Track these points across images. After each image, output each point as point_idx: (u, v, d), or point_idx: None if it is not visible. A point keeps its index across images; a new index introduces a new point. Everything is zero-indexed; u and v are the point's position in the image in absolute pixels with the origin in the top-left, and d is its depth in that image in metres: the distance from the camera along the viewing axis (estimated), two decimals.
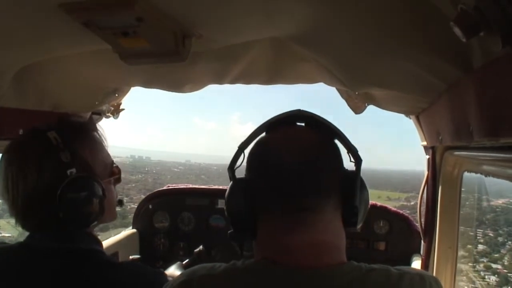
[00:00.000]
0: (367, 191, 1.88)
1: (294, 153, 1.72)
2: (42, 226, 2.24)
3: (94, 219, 2.31)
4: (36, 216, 2.21)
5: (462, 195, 3.59)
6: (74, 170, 2.23)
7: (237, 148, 1.88)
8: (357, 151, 1.85)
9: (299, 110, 1.86)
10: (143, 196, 5.99)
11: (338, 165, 1.83)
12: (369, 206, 1.92)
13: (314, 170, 1.71)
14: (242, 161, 1.88)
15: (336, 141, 1.87)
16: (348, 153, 1.86)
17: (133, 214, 5.81)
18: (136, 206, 5.89)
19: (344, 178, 1.79)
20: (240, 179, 1.87)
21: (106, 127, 3.84)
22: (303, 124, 1.89)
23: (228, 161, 1.88)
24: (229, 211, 1.87)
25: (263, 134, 1.90)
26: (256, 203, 1.77)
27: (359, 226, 1.85)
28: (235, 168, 1.88)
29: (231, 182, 1.88)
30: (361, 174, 1.83)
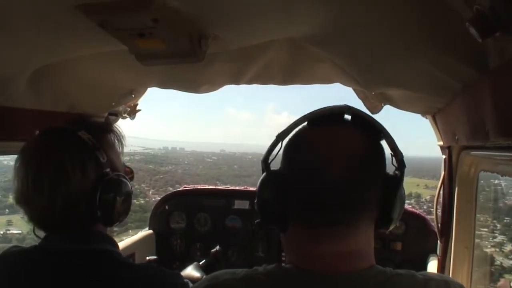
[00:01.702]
0: (404, 191, 1.79)
1: (340, 166, 1.62)
2: (73, 226, 2.25)
3: (124, 217, 2.40)
4: (74, 216, 2.21)
5: None
6: (108, 169, 2.28)
7: (275, 138, 1.81)
8: (403, 157, 1.78)
9: (346, 107, 1.73)
10: (170, 189, 5.98)
11: (382, 171, 1.75)
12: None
13: (359, 187, 1.64)
14: (277, 152, 1.80)
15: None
16: (391, 155, 1.78)
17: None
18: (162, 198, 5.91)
19: (385, 185, 1.70)
20: (276, 173, 1.78)
21: (140, 120, 3.87)
22: (348, 117, 1.74)
23: (263, 150, 1.82)
24: (260, 203, 1.81)
25: (305, 126, 1.79)
26: (289, 203, 1.70)
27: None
28: (269, 161, 1.81)
29: (265, 174, 1.80)
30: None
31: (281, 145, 1.80)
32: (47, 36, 2.20)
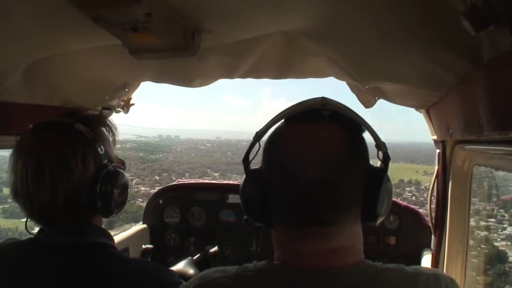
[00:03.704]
0: (391, 184, 1.78)
1: (315, 166, 1.59)
2: (72, 219, 2.26)
3: (121, 208, 2.44)
4: (74, 208, 2.22)
5: None
6: (106, 161, 2.31)
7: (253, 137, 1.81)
8: (386, 148, 1.76)
9: (322, 101, 1.69)
10: (157, 177, 5.97)
11: (364, 166, 1.71)
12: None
13: (338, 186, 1.62)
14: (258, 150, 1.80)
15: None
16: (376, 147, 1.77)
17: (142, 198, 5.78)
18: (146, 189, 5.88)
19: (369, 179, 1.69)
20: (255, 173, 1.78)
21: (137, 109, 3.86)
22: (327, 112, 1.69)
23: None
24: (244, 202, 1.83)
25: (282, 124, 1.76)
26: (270, 202, 1.71)
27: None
28: (250, 160, 1.80)
29: (245, 173, 1.81)
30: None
31: (259, 144, 1.80)
32: (41, 30, 2.19)
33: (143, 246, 3.84)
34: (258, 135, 1.79)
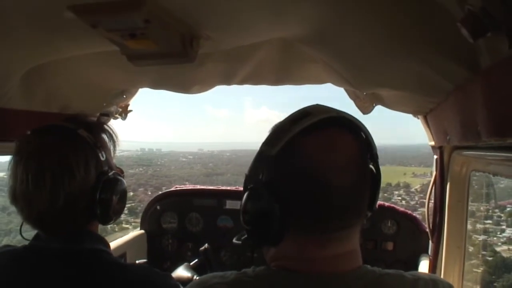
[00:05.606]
0: None
1: (346, 172, 1.59)
2: (69, 225, 2.24)
3: (119, 216, 2.45)
4: (72, 214, 2.21)
5: None
6: (107, 168, 2.31)
7: (259, 149, 1.73)
8: (377, 150, 1.78)
9: (334, 109, 1.68)
10: (131, 193, 5.93)
11: (370, 169, 1.74)
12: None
13: (360, 193, 1.65)
14: (260, 163, 1.72)
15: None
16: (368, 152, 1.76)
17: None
18: None
19: (371, 182, 1.72)
20: (268, 184, 1.65)
21: (120, 121, 3.86)
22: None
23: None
24: (252, 219, 1.72)
25: (295, 132, 1.63)
26: (287, 214, 1.61)
27: None
28: (260, 176, 1.69)
29: (254, 186, 1.71)
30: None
31: (261, 153, 1.73)
32: (39, 37, 2.20)
33: (137, 262, 3.83)
34: (266, 146, 1.69)
